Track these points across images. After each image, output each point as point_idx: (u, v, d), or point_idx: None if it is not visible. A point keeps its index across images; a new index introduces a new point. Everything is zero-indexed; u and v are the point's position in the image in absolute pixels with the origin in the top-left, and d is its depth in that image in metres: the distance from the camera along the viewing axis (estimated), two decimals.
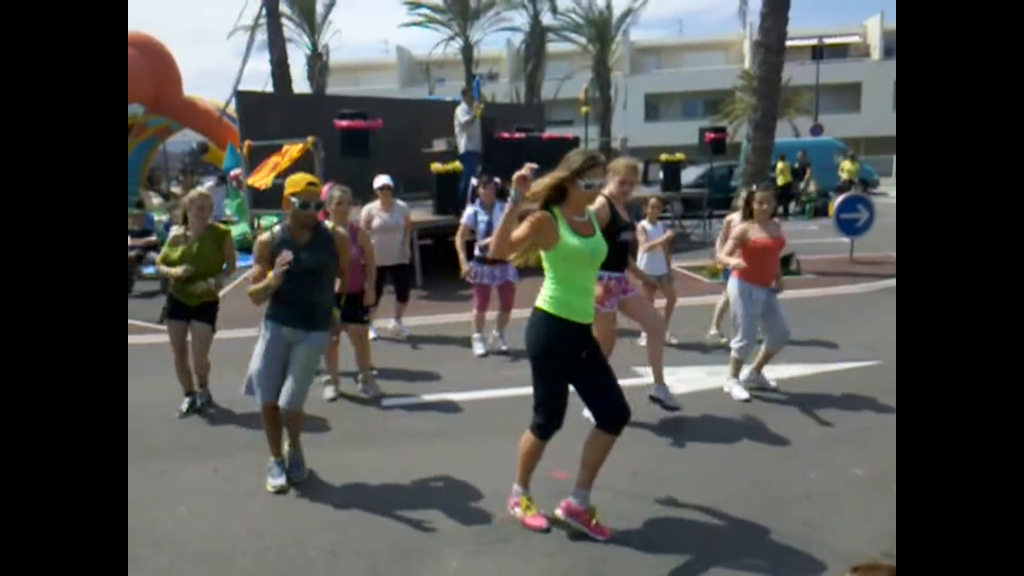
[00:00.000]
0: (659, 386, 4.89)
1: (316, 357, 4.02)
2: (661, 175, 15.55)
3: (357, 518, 3.66)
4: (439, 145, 12.70)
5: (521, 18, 30.80)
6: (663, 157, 15.23)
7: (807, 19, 38.69)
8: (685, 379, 5.65)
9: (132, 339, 7.42)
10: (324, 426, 4.95)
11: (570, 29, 32.11)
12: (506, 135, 12.73)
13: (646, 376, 5.73)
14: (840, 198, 11.15)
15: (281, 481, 4.00)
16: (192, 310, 5.19)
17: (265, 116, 12.27)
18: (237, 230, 14.16)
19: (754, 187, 5.29)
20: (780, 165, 18.50)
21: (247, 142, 11.43)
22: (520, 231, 3.11)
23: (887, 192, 24.82)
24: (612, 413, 3.32)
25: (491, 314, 6.73)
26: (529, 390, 5.33)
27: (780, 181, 18.09)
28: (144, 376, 6.13)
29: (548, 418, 3.32)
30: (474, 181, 6.63)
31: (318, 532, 3.53)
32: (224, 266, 5.23)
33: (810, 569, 3.11)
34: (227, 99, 16.95)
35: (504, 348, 6.61)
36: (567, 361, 3.27)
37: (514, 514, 3.52)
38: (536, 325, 3.27)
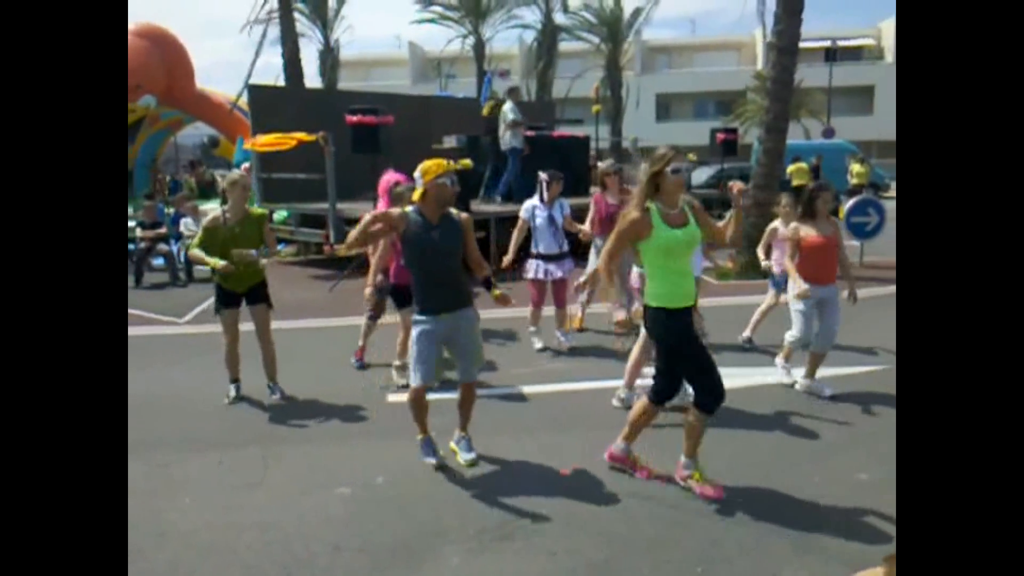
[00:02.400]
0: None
1: (478, 331, 4.20)
2: None
3: (361, 513, 3.67)
4: (450, 142, 12.70)
5: (533, 16, 30.76)
6: None
7: (821, 21, 38.78)
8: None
9: (140, 331, 7.47)
10: (330, 417, 4.96)
11: (582, 28, 32.03)
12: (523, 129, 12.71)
13: (644, 378, 5.72)
14: (851, 201, 11.09)
15: (433, 459, 4.15)
16: (243, 295, 5.20)
17: (276, 110, 12.31)
18: None
19: (814, 186, 5.38)
20: (794, 166, 18.40)
21: (258, 135, 11.47)
22: (609, 245, 3.66)
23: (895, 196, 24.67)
24: (712, 395, 3.68)
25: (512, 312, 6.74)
26: (539, 388, 5.36)
27: (795, 182, 17.99)
28: (151, 368, 6.17)
29: (662, 387, 3.79)
30: (543, 176, 6.60)
31: (321, 526, 3.54)
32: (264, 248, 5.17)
33: (812, 572, 3.09)
34: (239, 92, 17.00)
35: (568, 347, 6.59)
36: (691, 344, 3.66)
37: (689, 486, 3.81)
38: (658, 321, 3.66)
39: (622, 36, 32.14)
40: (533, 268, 6.56)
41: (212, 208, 10.13)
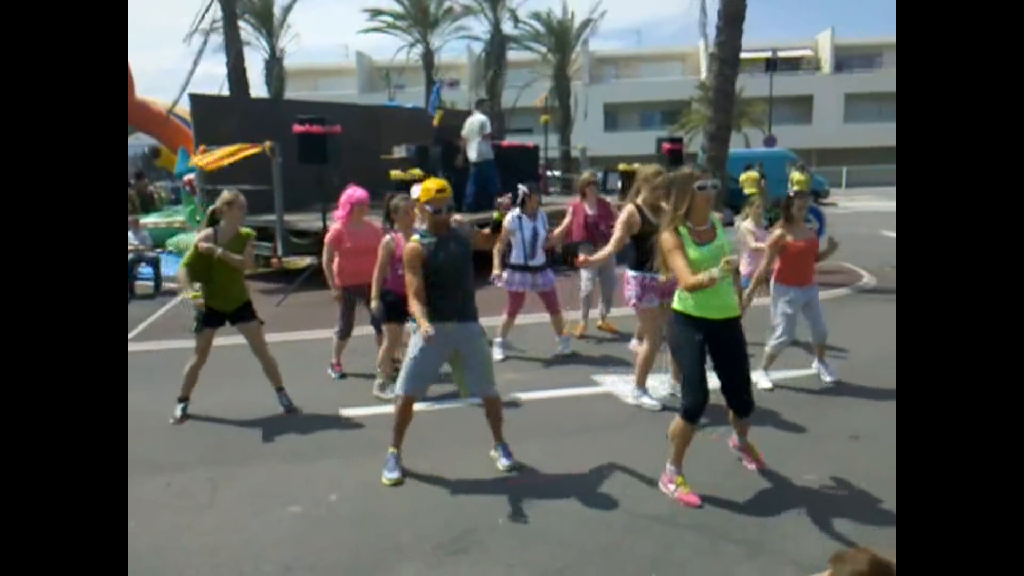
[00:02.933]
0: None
1: (487, 345, 4.25)
2: (620, 184, 15.75)
3: (312, 531, 3.61)
4: (399, 151, 12.64)
5: (481, 26, 30.88)
6: (621, 166, 15.42)
7: (761, 32, 39.46)
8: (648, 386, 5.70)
9: None
10: (281, 435, 4.87)
11: (530, 38, 32.29)
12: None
13: (603, 385, 5.79)
14: None
15: (396, 475, 4.09)
16: (229, 315, 5.16)
17: (220, 120, 12.06)
18: (189, 238, 13.89)
19: (791, 195, 5.76)
20: (745, 175, 18.89)
21: (201, 146, 11.22)
22: (679, 261, 3.72)
23: (837, 203, 25.52)
24: (734, 400, 3.88)
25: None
26: (523, 396, 5.30)
27: (746, 191, 18.47)
28: None
29: (689, 398, 3.77)
30: (523, 188, 6.62)
31: (272, 546, 3.47)
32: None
33: (762, 574, 3.16)
34: (175, 99, 16.61)
35: (567, 352, 6.62)
36: (696, 348, 3.75)
37: (667, 491, 3.89)
38: (675, 324, 3.87)
39: (570, 46, 32.52)
40: (518, 280, 6.55)
41: (154, 221, 9.84)
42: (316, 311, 5.65)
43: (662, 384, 5.56)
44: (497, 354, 6.58)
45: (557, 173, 20.39)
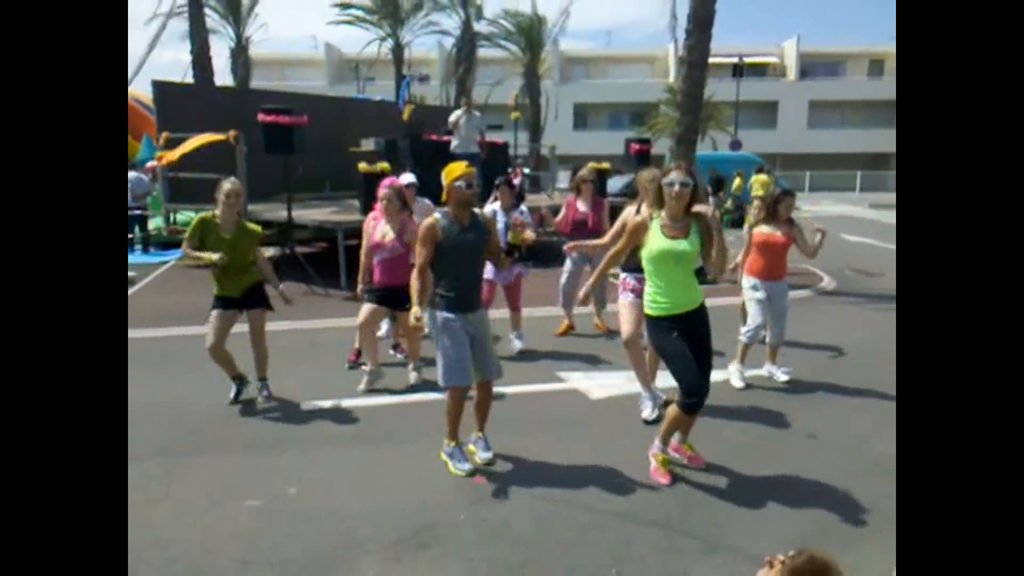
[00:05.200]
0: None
1: (490, 328, 4.29)
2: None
3: (270, 526, 3.55)
4: (368, 144, 12.53)
5: (452, 22, 30.72)
6: (590, 165, 15.48)
7: (729, 38, 40.40)
8: (604, 384, 5.74)
9: None
10: (241, 427, 4.79)
11: (501, 36, 32.23)
12: (435, 137, 12.71)
13: (569, 381, 5.81)
14: None
15: (468, 466, 4.14)
16: (240, 300, 5.11)
17: (185, 107, 11.83)
18: (152, 224, 13.59)
19: (779, 192, 5.97)
20: (757, 178, 19.35)
21: (164, 133, 10.99)
22: (624, 241, 3.96)
23: (800, 207, 25.94)
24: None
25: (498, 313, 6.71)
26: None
27: (755, 192, 18.91)
28: None
29: (688, 391, 3.81)
30: (497, 182, 6.59)
31: (228, 541, 3.41)
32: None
33: (719, 570, 3.21)
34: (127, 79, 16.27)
35: (523, 348, 6.62)
36: (673, 341, 3.81)
37: (650, 460, 4.11)
38: (648, 325, 3.99)
39: (540, 45, 32.54)
40: (489, 270, 6.51)
41: None
42: (278, 304, 5.59)
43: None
44: (518, 345, 6.65)
45: (527, 171, 20.42)
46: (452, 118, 11.83)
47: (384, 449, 4.51)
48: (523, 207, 6.70)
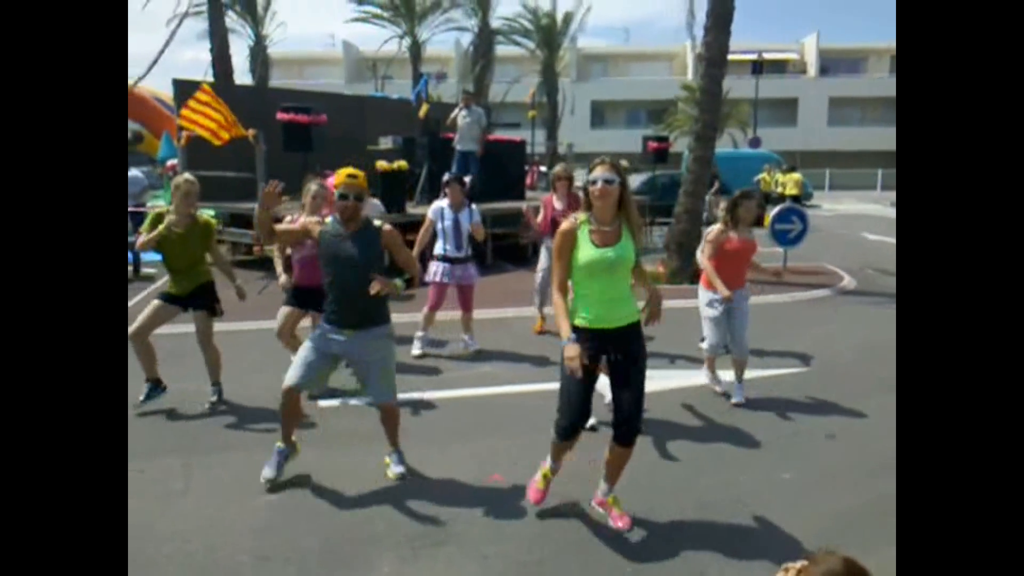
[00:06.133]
0: None
1: (389, 348, 3.99)
2: None
3: (289, 521, 3.58)
4: (386, 142, 12.58)
5: (469, 19, 30.70)
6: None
7: (748, 35, 39.93)
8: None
9: None
10: (258, 426, 4.82)
11: (518, 33, 32.19)
12: (452, 135, 12.73)
13: None
14: (775, 209, 11.50)
15: (272, 473, 3.96)
16: (184, 299, 5.09)
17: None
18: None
19: (738, 193, 5.42)
20: (787, 176, 19.28)
21: (184, 132, 11.08)
22: (557, 262, 3.32)
23: (820, 205, 25.74)
24: (618, 422, 3.39)
25: (445, 315, 6.70)
26: (474, 392, 5.34)
27: (789, 191, 18.90)
28: None
29: (564, 418, 3.40)
30: (444, 178, 6.59)
31: (247, 536, 3.44)
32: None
33: (738, 571, 3.18)
34: (140, 75, 16.44)
35: (475, 349, 6.57)
36: (582, 367, 3.16)
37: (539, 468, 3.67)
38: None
39: (557, 42, 32.47)
40: (435, 270, 6.49)
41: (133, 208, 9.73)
42: None
43: None
44: (415, 348, 6.54)
45: (543, 169, 20.41)
46: (452, 115, 11.69)
47: (404, 446, 4.52)
48: (473, 206, 6.60)
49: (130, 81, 18.61)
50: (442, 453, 4.38)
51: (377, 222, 3.95)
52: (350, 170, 3.90)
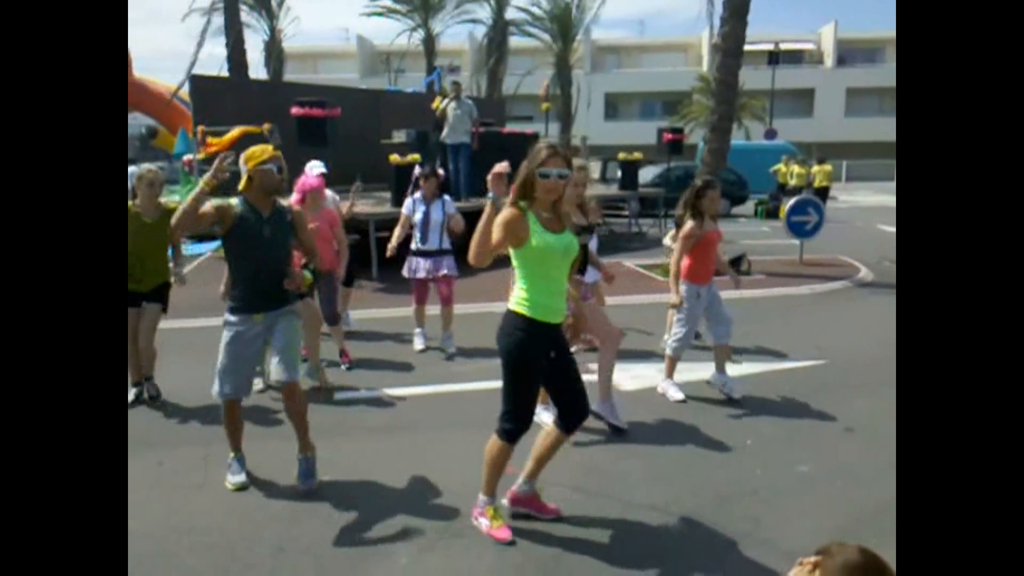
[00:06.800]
0: (604, 402, 4.66)
1: (296, 328, 3.91)
2: (619, 173, 15.72)
3: (306, 513, 3.61)
4: (399, 136, 12.58)
5: (483, 11, 30.63)
6: (621, 156, 15.39)
7: (764, 25, 39.53)
8: (638, 375, 5.71)
9: None
10: (272, 419, 4.86)
11: (533, 23, 32.07)
12: (478, 128, 12.70)
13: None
14: (791, 201, 11.41)
15: (241, 478, 3.89)
16: (143, 294, 5.07)
17: (219, 101, 12.01)
18: None
19: (701, 184, 5.18)
20: (819, 168, 19.15)
21: (200, 127, 11.16)
22: (496, 234, 3.03)
23: (837, 197, 25.48)
24: (572, 415, 3.34)
25: (433, 309, 6.70)
26: (478, 385, 5.34)
27: (818, 183, 18.80)
28: None
29: (517, 422, 3.26)
30: (416, 172, 6.54)
31: (265, 528, 3.46)
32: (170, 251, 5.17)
33: (755, 564, 3.17)
34: (180, 82, 16.52)
35: (452, 350, 6.44)
36: (540, 364, 3.20)
37: (478, 525, 3.42)
38: (508, 328, 3.18)
39: (572, 34, 32.33)
40: (411, 265, 6.44)
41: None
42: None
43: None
44: (418, 344, 6.51)
45: None
46: (441, 105, 11.39)
47: (419, 438, 4.55)
48: (447, 197, 6.50)
49: (161, 87, 18.76)
50: (454, 445, 4.39)
51: (285, 203, 3.84)
52: (269, 148, 3.79)
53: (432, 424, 4.79)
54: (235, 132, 10.33)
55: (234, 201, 3.76)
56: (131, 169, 13.25)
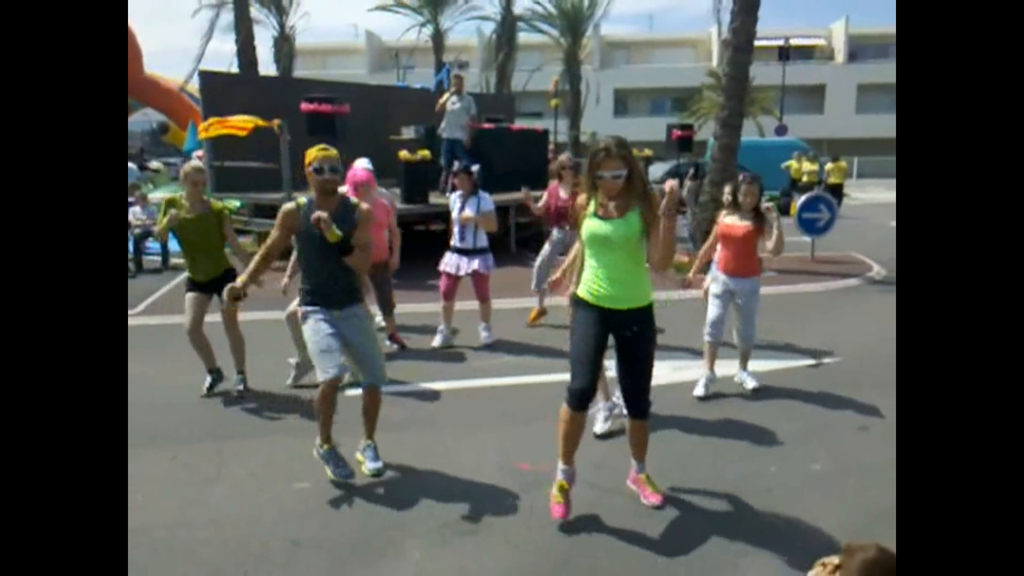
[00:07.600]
0: (605, 402, 4.64)
1: (371, 330, 3.98)
2: None
3: (320, 508, 3.62)
4: (408, 132, 12.58)
5: (492, 7, 30.60)
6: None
7: (774, 20, 39.07)
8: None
9: None
10: (286, 413, 4.87)
11: (541, 20, 31.98)
12: (473, 124, 12.69)
13: (612, 370, 5.77)
14: (803, 198, 11.34)
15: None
16: (207, 284, 5.15)
17: (229, 97, 12.01)
18: None
19: (741, 178, 5.30)
20: (833, 165, 19.09)
21: (211, 119, 11.17)
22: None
23: (848, 193, 25.33)
24: (626, 398, 3.59)
25: (464, 306, 6.70)
26: (497, 381, 5.35)
27: (832, 180, 18.76)
28: None
29: (572, 378, 3.43)
30: (455, 169, 6.60)
31: (279, 522, 3.48)
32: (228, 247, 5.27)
33: (769, 562, 3.16)
34: (187, 75, 16.58)
35: (490, 342, 6.51)
36: (589, 335, 3.39)
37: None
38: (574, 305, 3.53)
39: (581, 30, 32.23)
40: (446, 260, 6.49)
41: (163, 197, 9.84)
42: None
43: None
44: (435, 340, 6.51)
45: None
46: (441, 99, 11.46)
47: (436, 434, 4.55)
48: (484, 194, 6.48)
49: (172, 82, 18.82)
50: (469, 442, 4.39)
51: (353, 200, 3.92)
52: (322, 146, 3.86)
53: (449, 421, 4.79)
54: (247, 121, 10.29)
55: (303, 200, 3.86)
56: (131, 167, 13.28)
